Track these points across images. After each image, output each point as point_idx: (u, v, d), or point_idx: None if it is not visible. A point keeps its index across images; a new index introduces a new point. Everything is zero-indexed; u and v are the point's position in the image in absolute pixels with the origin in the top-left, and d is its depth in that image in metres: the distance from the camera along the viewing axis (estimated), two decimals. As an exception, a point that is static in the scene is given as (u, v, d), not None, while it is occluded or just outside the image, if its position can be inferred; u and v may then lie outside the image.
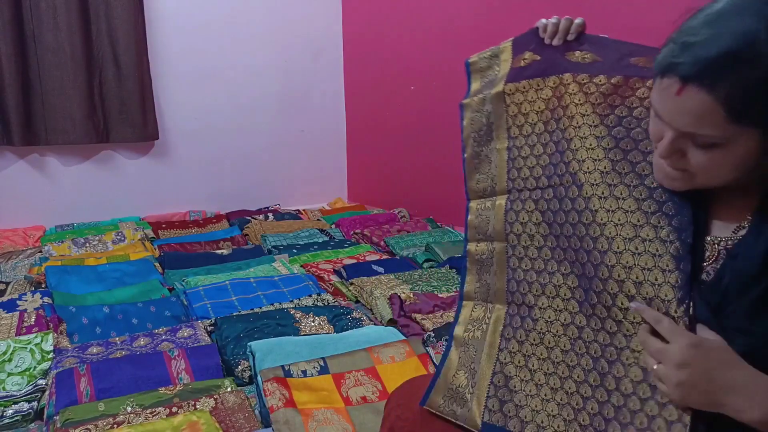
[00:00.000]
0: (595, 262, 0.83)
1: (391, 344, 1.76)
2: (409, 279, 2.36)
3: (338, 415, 1.47)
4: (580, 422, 0.82)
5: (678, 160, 0.74)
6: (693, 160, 0.73)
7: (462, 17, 3.01)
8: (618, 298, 0.80)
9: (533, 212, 0.92)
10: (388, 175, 3.82)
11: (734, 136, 0.68)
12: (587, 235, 0.84)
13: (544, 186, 0.91)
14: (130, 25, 3.27)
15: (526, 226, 0.92)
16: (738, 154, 0.70)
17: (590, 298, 0.84)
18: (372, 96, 3.84)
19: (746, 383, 0.69)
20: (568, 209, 0.87)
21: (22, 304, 2.11)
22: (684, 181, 0.76)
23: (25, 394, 1.60)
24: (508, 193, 0.96)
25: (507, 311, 0.94)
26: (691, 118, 0.69)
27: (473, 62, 1.06)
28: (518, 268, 0.93)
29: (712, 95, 0.66)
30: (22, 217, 3.30)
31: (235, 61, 3.67)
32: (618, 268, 0.80)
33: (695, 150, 0.72)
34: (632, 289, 0.79)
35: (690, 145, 0.72)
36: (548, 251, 0.90)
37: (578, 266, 0.85)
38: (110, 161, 3.49)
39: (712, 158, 0.71)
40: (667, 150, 0.73)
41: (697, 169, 0.73)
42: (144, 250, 2.88)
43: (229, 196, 3.78)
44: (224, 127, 3.72)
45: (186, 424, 1.38)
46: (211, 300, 2.20)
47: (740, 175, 0.73)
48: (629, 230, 0.81)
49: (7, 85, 3.06)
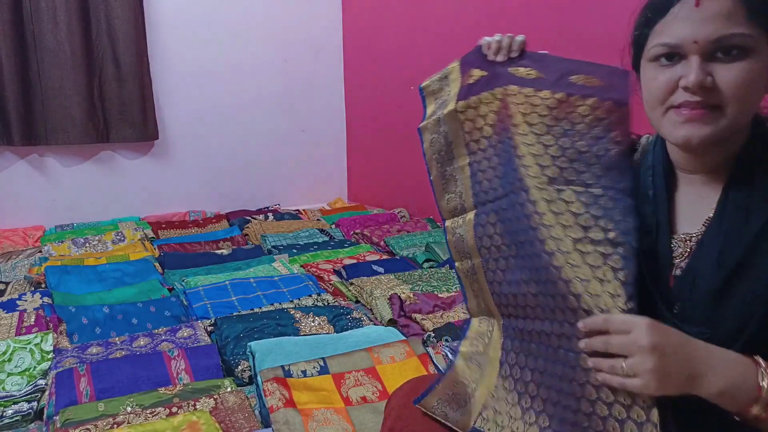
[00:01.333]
0: (546, 265, 0.82)
1: (391, 344, 1.76)
2: (409, 279, 2.35)
3: (338, 415, 1.47)
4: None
5: (708, 93, 0.73)
6: (724, 80, 0.72)
7: (462, 17, 3.01)
8: (569, 300, 0.79)
9: (496, 224, 0.92)
10: (388, 175, 3.82)
11: (757, 39, 0.71)
12: (536, 239, 0.84)
13: (501, 196, 0.92)
14: (130, 24, 3.27)
15: (492, 239, 0.92)
16: (760, 67, 0.72)
17: (549, 303, 0.83)
18: (372, 96, 3.84)
19: (706, 356, 0.71)
20: (520, 216, 0.87)
21: (21, 304, 2.11)
22: (714, 121, 0.74)
23: (25, 394, 1.60)
24: (475, 207, 0.96)
25: (503, 323, 0.94)
26: (716, 22, 0.71)
27: (425, 86, 1.08)
28: (494, 281, 0.93)
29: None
30: (22, 217, 3.30)
31: (234, 61, 3.67)
32: (566, 269, 0.80)
33: (724, 67, 0.72)
34: (579, 288, 0.78)
35: (717, 64, 0.72)
36: (512, 260, 0.89)
37: (534, 272, 0.85)
38: (110, 161, 3.49)
39: (742, 70, 0.71)
40: (698, 74, 0.72)
41: (729, 92, 0.72)
42: (144, 250, 2.88)
43: (229, 196, 3.78)
44: (224, 127, 3.72)
45: (186, 425, 1.38)
46: (211, 300, 2.20)
47: (754, 109, 0.75)
48: (578, 231, 0.80)
49: (7, 85, 3.06)
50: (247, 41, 3.69)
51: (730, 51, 0.71)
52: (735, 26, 0.70)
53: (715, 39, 0.71)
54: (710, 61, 0.73)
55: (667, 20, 0.75)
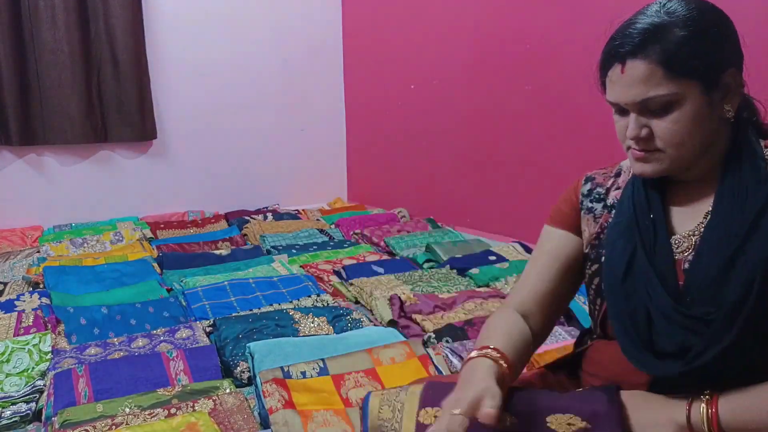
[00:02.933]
0: None
1: (391, 345, 1.75)
2: (410, 279, 2.35)
3: (338, 416, 1.46)
4: None
5: (647, 141, 0.84)
6: (659, 132, 0.82)
7: (462, 17, 3.01)
8: None
9: None
10: (388, 175, 3.81)
11: (680, 90, 0.79)
12: None
13: None
14: (129, 24, 3.27)
15: None
16: (692, 111, 0.80)
17: None
18: (372, 95, 3.84)
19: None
20: None
21: (20, 304, 2.10)
22: (659, 161, 0.84)
23: (23, 395, 1.59)
24: None
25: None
26: (640, 85, 0.81)
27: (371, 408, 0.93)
28: None
29: (647, 59, 0.80)
30: (20, 217, 3.29)
31: (234, 60, 3.67)
32: None
33: (657, 120, 0.82)
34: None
35: (651, 117, 0.83)
36: None
37: None
38: (108, 161, 3.48)
39: (672, 122, 0.81)
40: (634, 128, 0.83)
41: (665, 140, 0.82)
42: (142, 251, 2.87)
43: (228, 195, 3.77)
44: (223, 127, 3.72)
45: (184, 426, 1.38)
46: (210, 301, 2.19)
47: (702, 142, 0.83)
48: None
49: (5, 85, 3.05)
50: (246, 41, 3.69)
51: (657, 108, 0.81)
52: (654, 88, 0.80)
53: (640, 101, 0.81)
54: (646, 115, 0.83)
55: (608, 80, 0.85)
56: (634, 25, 0.82)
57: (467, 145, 3.10)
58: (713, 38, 0.80)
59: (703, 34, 0.79)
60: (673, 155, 0.83)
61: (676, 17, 0.80)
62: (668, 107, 0.81)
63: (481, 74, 2.93)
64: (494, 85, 2.89)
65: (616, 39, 0.83)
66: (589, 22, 2.30)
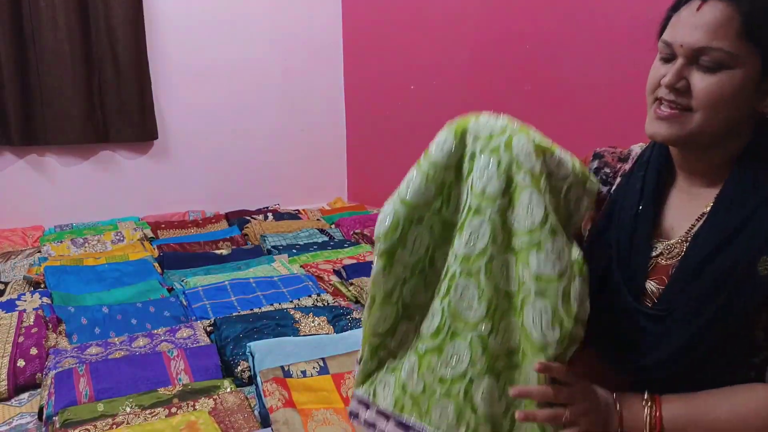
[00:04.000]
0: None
1: (391, 344, 1.75)
2: (409, 279, 2.35)
3: (338, 415, 1.47)
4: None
5: (681, 94, 0.77)
6: (698, 87, 0.76)
7: (462, 16, 3.01)
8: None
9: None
10: (388, 175, 3.81)
11: (741, 56, 0.73)
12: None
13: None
14: (129, 24, 3.27)
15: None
16: (739, 81, 0.74)
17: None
18: (372, 96, 3.84)
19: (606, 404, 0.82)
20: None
21: (21, 304, 2.10)
22: (680, 124, 0.78)
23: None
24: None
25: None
26: (707, 30, 0.74)
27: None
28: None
29: (732, 6, 0.73)
30: (21, 217, 3.29)
31: (234, 60, 3.67)
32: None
33: (701, 75, 0.76)
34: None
35: (696, 71, 0.76)
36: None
37: None
38: (109, 161, 3.48)
39: (716, 83, 0.75)
40: (674, 75, 0.77)
41: (700, 100, 0.76)
42: (143, 250, 2.87)
43: (229, 195, 3.78)
44: (223, 127, 3.72)
45: (185, 425, 1.38)
46: (211, 300, 2.19)
47: (729, 123, 0.77)
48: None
49: (6, 85, 3.05)
50: (247, 41, 3.69)
51: (709, 63, 0.75)
52: (720, 39, 0.73)
53: (697, 48, 0.75)
54: (692, 66, 0.77)
55: (675, 17, 0.79)
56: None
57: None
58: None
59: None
60: (699, 120, 0.77)
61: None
62: (720, 66, 0.75)
63: (481, 74, 2.93)
64: (494, 85, 2.89)
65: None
66: (589, 23, 2.31)
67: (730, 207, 0.78)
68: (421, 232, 0.84)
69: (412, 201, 0.84)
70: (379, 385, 0.90)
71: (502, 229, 0.78)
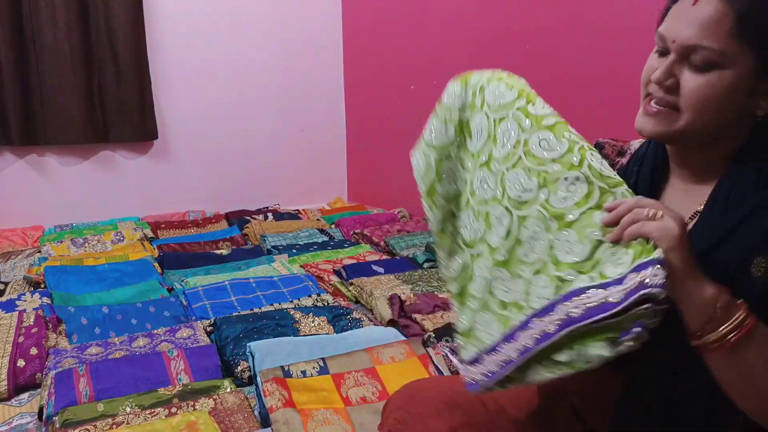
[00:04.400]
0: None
1: (391, 344, 1.75)
2: (409, 279, 2.35)
3: (338, 415, 1.47)
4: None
5: (669, 91, 0.76)
6: (686, 86, 0.74)
7: (462, 16, 3.01)
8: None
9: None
10: (388, 175, 3.81)
11: (732, 56, 0.71)
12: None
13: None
14: (130, 24, 3.27)
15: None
16: (729, 82, 0.72)
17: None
18: (372, 96, 3.84)
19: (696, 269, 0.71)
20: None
21: (21, 304, 2.10)
22: (667, 122, 0.77)
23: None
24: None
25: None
26: (701, 28, 0.72)
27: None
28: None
29: (727, 5, 0.70)
30: (21, 217, 3.29)
31: (234, 60, 3.67)
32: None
33: (691, 74, 0.74)
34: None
35: (687, 69, 0.74)
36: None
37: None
38: (109, 161, 3.48)
39: (705, 83, 0.73)
40: (663, 72, 0.75)
41: (687, 99, 0.75)
42: (143, 250, 2.88)
43: (229, 195, 3.78)
44: (223, 127, 3.72)
45: (184, 425, 1.38)
46: (211, 300, 2.19)
47: (718, 124, 0.75)
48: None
49: (6, 85, 3.05)
50: (247, 41, 3.69)
51: (699, 62, 0.73)
52: (711, 38, 0.71)
53: (689, 45, 0.73)
54: (683, 63, 0.75)
55: (672, 10, 0.77)
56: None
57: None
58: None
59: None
60: (686, 119, 0.76)
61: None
62: (710, 66, 0.73)
63: (481, 74, 2.93)
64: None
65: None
66: (589, 23, 2.31)
67: (724, 206, 0.77)
68: (452, 165, 0.95)
69: (437, 143, 0.95)
70: (482, 332, 0.90)
71: (527, 116, 0.85)
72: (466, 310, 0.92)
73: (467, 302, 0.92)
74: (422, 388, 1.00)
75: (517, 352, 0.81)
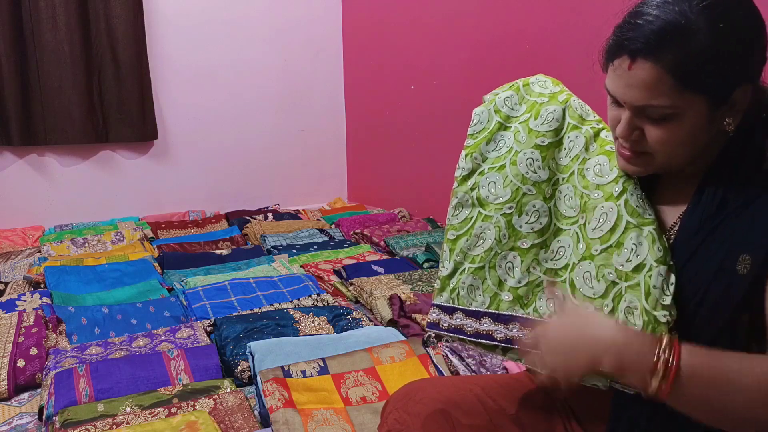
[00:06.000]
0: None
1: (391, 344, 1.75)
2: (409, 279, 2.35)
3: (338, 415, 1.47)
4: None
5: (637, 142, 0.79)
6: (650, 137, 0.77)
7: (462, 16, 3.01)
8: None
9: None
10: (388, 175, 3.81)
11: (684, 104, 0.73)
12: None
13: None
14: (130, 24, 3.27)
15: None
16: (690, 125, 0.75)
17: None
18: (372, 96, 3.84)
19: (595, 340, 0.74)
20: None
21: (21, 304, 2.10)
22: (644, 164, 0.81)
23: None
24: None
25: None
26: (643, 90, 0.74)
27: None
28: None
29: (659, 65, 0.72)
30: (21, 217, 3.29)
31: (234, 60, 3.67)
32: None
33: (651, 126, 0.77)
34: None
35: (646, 122, 0.77)
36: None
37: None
38: (109, 161, 3.48)
39: (667, 131, 0.76)
40: (625, 129, 0.78)
41: (655, 147, 0.78)
42: (143, 250, 2.88)
43: (229, 195, 3.78)
44: (223, 127, 3.72)
45: (184, 425, 1.38)
46: (211, 300, 2.19)
47: (694, 152, 0.79)
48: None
49: (6, 85, 3.05)
50: (247, 41, 3.69)
51: (655, 116, 0.75)
52: (658, 97, 0.73)
53: (640, 106, 0.76)
54: (641, 118, 0.77)
55: (611, 68, 0.78)
56: (653, 18, 0.72)
57: (467, 145, 3.09)
58: (739, 52, 0.72)
59: (730, 46, 0.71)
60: (661, 161, 0.80)
61: (704, 19, 0.70)
62: (667, 118, 0.75)
63: (481, 74, 2.93)
64: (494, 86, 2.88)
65: (631, 30, 0.74)
66: (589, 23, 2.30)
67: (708, 206, 0.78)
68: (505, 133, 0.99)
69: (505, 113, 1.00)
70: (462, 290, 0.97)
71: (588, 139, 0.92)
72: (452, 259, 0.97)
73: (455, 254, 0.97)
74: (422, 388, 1.00)
75: (503, 335, 0.91)
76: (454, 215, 0.98)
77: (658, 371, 0.69)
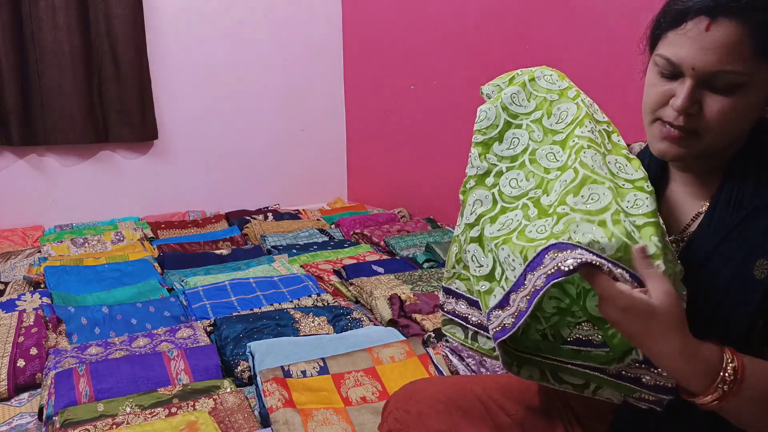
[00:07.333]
0: None
1: (391, 344, 1.75)
2: (409, 279, 2.35)
3: (338, 415, 1.47)
4: None
5: (692, 118, 0.73)
6: (710, 110, 0.72)
7: (462, 17, 3.01)
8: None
9: None
10: (388, 175, 3.81)
11: (756, 73, 0.69)
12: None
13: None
14: (130, 24, 3.27)
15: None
16: (754, 99, 0.70)
17: None
18: (372, 96, 3.84)
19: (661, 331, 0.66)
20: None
21: (21, 304, 2.10)
22: (688, 145, 0.75)
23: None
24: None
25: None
26: (718, 53, 0.68)
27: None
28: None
29: (744, 26, 0.67)
30: (21, 217, 3.29)
31: (234, 60, 3.67)
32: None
33: (715, 97, 0.71)
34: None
35: (707, 93, 0.72)
36: None
37: None
38: (109, 161, 3.48)
39: (730, 103, 0.70)
40: (686, 99, 0.72)
41: (712, 122, 0.72)
42: (143, 250, 2.88)
43: (229, 195, 3.78)
44: (223, 127, 3.72)
45: (184, 425, 1.38)
46: (211, 300, 2.19)
47: (738, 135, 0.74)
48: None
49: (6, 85, 3.05)
50: (247, 41, 3.69)
51: (723, 85, 0.71)
52: (735, 62, 0.69)
53: (711, 72, 0.70)
54: (703, 88, 0.72)
55: (677, 33, 0.73)
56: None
57: (467, 145, 3.10)
58: None
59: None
60: (707, 141, 0.74)
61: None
62: (735, 88, 0.70)
63: (481, 74, 2.93)
64: (494, 85, 2.89)
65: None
66: (589, 23, 2.31)
67: (726, 208, 0.76)
68: (517, 131, 0.94)
69: (513, 111, 0.95)
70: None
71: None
72: (487, 254, 0.88)
73: (486, 246, 0.89)
74: (422, 388, 1.00)
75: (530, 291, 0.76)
76: (472, 212, 0.94)
77: (726, 379, 0.66)
